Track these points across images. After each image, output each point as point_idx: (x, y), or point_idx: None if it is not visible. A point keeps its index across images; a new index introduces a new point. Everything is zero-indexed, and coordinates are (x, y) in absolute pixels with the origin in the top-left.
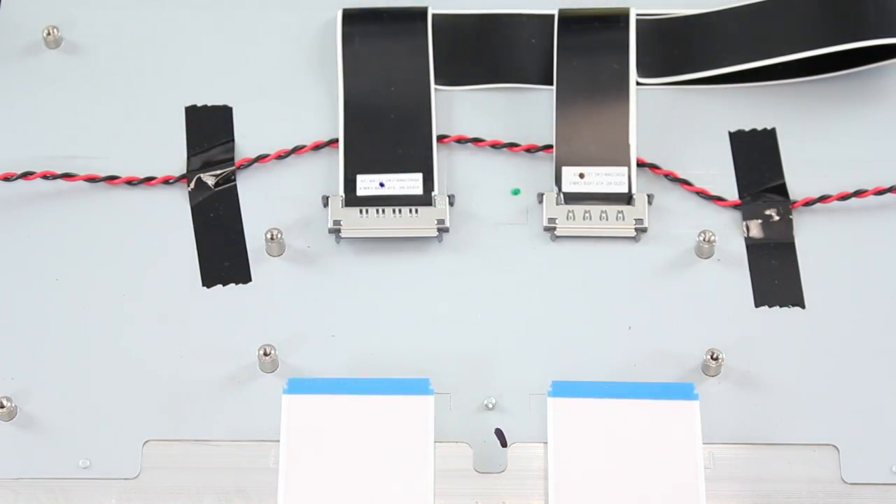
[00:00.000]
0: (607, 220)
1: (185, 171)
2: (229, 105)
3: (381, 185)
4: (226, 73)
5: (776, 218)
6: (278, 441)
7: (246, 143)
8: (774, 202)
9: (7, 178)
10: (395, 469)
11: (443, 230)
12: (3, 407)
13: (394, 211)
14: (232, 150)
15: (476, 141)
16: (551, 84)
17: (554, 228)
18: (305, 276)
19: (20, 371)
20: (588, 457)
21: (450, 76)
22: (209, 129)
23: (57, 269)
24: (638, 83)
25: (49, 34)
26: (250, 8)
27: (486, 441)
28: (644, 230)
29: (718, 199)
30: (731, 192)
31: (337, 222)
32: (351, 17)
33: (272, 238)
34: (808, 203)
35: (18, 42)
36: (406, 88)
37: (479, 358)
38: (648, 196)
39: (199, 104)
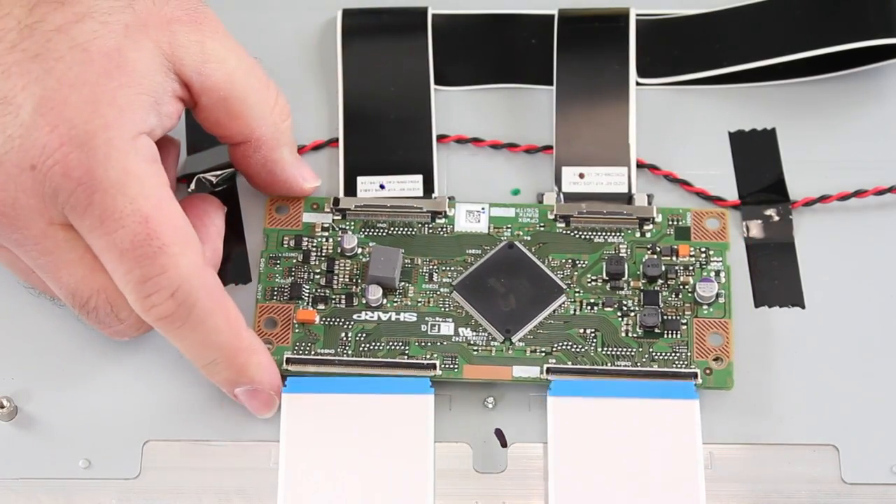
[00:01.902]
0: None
1: (185, 172)
2: None
3: (382, 186)
4: None
5: (776, 218)
6: (278, 441)
7: None
8: (774, 202)
9: None
10: (394, 468)
11: None
12: (3, 407)
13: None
14: None
15: (476, 141)
16: (551, 84)
17: None
18: None
19: (20, 371)
20: (588, 456)
21: (450, 76)
22: None
23: None
24: (638, 83)
25: None
26: (250, 8)
27: (486, 441)
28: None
29: (718, 199)
30: (731, 192)
31: None
32: (351, 17)
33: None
34: (808, 203)
35: None
36: (406, 88)
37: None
38: (648, 196)
39: None
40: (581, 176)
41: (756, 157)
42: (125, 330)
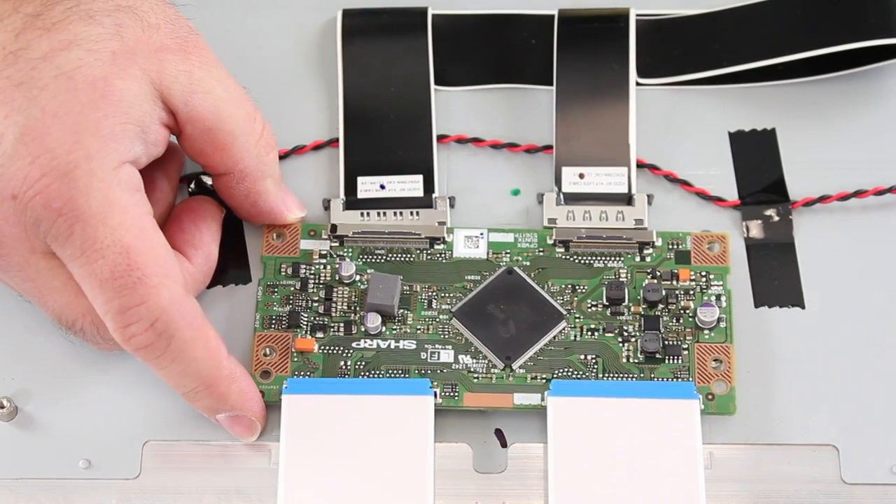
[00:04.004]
0: (607, 220)
1: (185, 172)
2: None
3: (382, 187)
4: None
5: (776, 218)
6: (278, 441)
7: None
8: (774, 202)
9: None
10: (394, 469)
11: None
12: (3, 407)
13: (395, 213)
14: None
15: (476, 141)
16: (551, 84)
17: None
18: None
19: (20, 371)
20: (588, 456)
21: (450, 76)
22: None
23: None
24: (638, 83)
25: None
26: (250, 8)
27: (486, 441)
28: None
29: (718, 199)
30: (731, 192)
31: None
32: (351, 17)
33: (277, 240)
34: (808, 203)
35: None
36: (406, 88)
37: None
38: (648, 196)
39: None
40: (581, 176)
41: (756, 157)
42: (112, 348)
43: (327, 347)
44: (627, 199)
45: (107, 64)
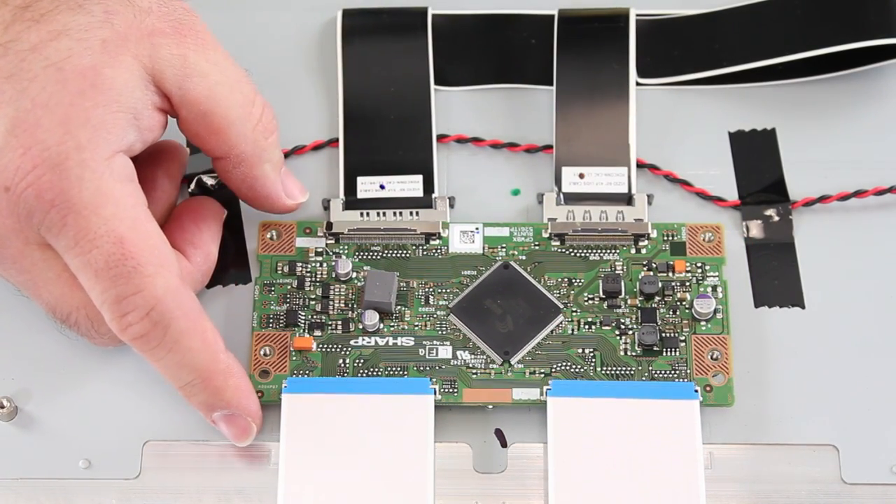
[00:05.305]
0: (607, 220)
1: (185, 172)
2: None
3: (382, 187)
4: None
5: (776, 218)
6: (278, 441)
7: None
8: (774, 202)
9: None
10: (395, 469)
11: None
12: (3, 407)
13: (394, 213)
14: None
15: (476, 141)
16: (551, 84)
17: None
18: None
19: (20, 371)
20: (588, 456)
21: (450, 76)
22: None
23: None
24: (638, 83)
25: None
26: (250, 8)
27: (486, 441)
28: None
29: (718, 199)
30: (731, 192)
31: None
32: (351, 17)
33: (272, 239)
34: (808, 203)
35: None
36: (406, 88)
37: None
38: (648, 196)
39: None
40: (581, 176)
41: (756, 157)
42: (108, 342)
43: (325, 345)
44: (627, 199)
45: (97, 52)
